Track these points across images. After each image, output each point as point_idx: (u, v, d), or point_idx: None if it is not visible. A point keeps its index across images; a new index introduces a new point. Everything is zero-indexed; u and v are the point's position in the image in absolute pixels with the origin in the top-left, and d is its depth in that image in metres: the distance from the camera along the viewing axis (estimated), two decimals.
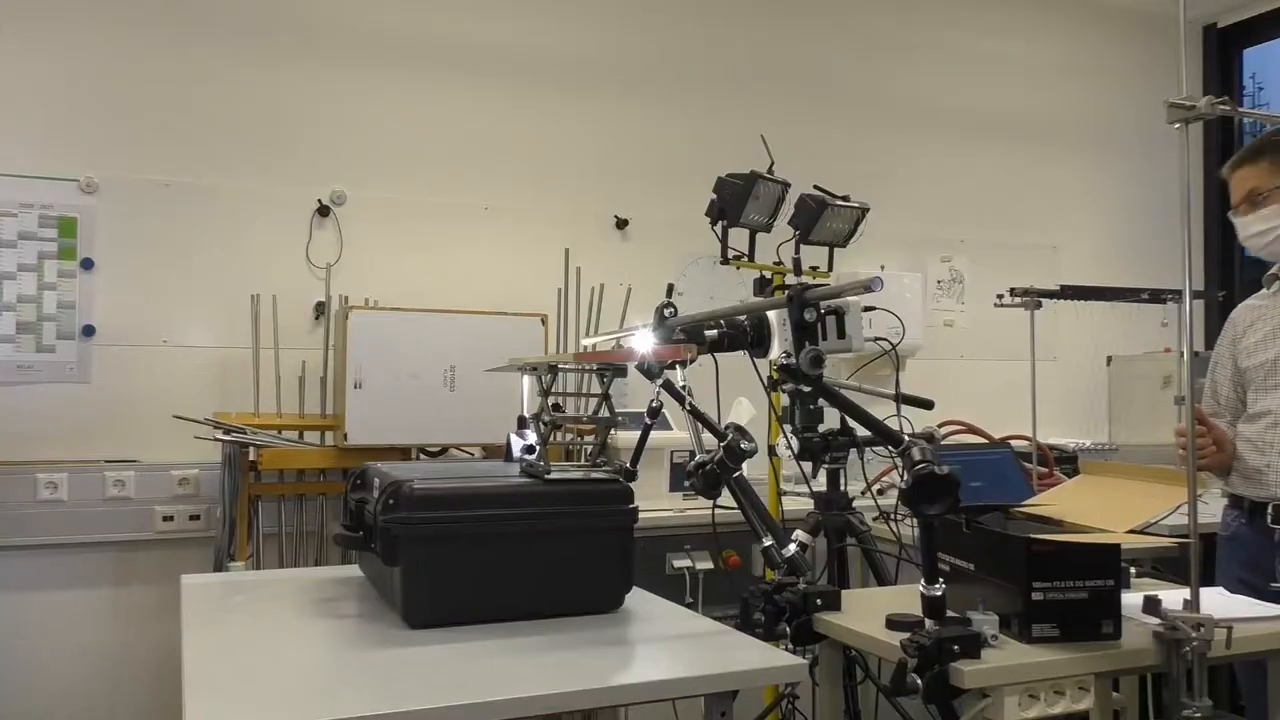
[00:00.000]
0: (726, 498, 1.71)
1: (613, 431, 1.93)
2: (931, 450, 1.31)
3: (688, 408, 1.78)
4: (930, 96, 3.74)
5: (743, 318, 1.70)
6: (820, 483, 2.03)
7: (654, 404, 1.76)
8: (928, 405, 2.02)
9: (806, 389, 1.41)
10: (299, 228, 2.92)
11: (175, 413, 2.67)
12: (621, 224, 3.28)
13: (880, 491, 2.56)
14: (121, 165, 2.75)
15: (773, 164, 2.46)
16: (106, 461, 2.68)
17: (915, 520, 1.35)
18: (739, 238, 2.48)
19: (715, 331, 1.71)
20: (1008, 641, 1.39)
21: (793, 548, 1.74)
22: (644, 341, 1.74)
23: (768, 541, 1.73)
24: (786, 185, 2.46)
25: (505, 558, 1.55)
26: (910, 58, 3.73)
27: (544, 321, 2.79)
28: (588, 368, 2.16)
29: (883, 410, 1.56)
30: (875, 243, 2.94)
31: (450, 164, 3.09)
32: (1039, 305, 2.68)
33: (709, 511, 1.92)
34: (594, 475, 1.66)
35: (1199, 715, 1.31)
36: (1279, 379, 2.08)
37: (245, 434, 2.59)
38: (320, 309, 2.90)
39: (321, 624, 1.55)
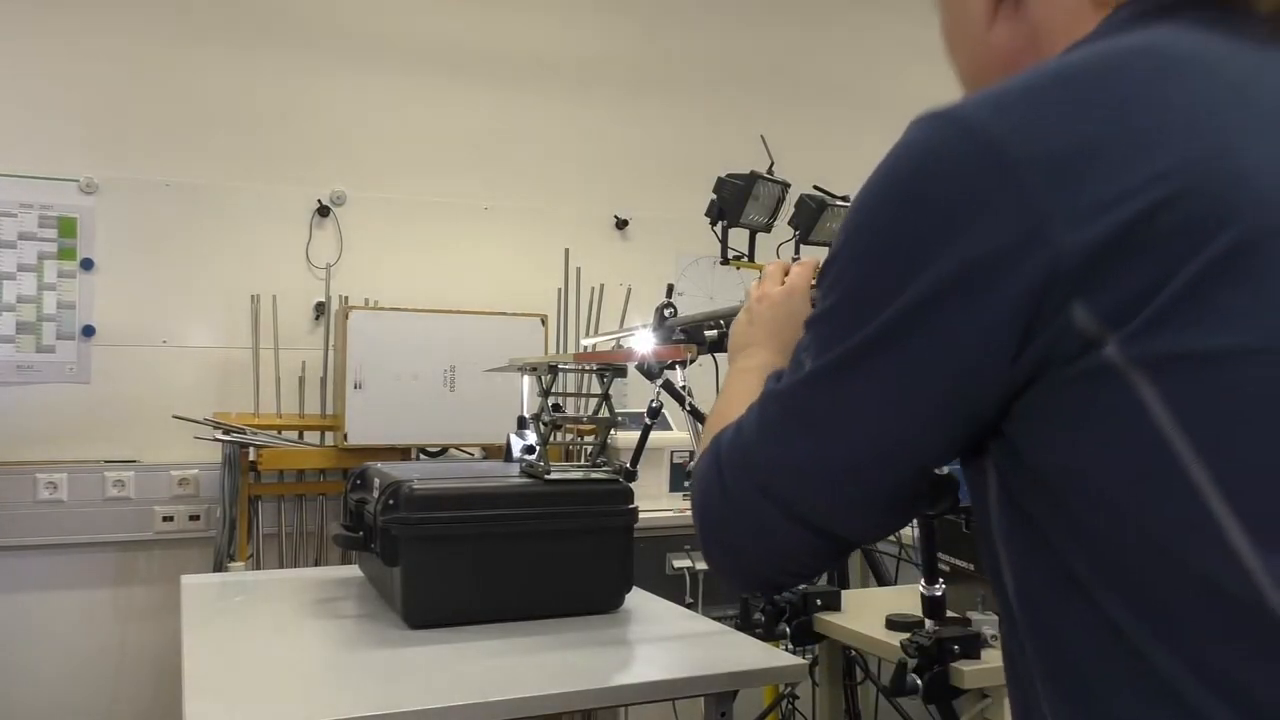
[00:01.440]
0: None
1: (613, 431, 1.93)
2: None
3: (688, 408, 1.78)
4: (930, 97, 3.73)
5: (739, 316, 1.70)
6: None
7: (654, 404, 1.76)
8: None
9: None
10: (299, 228, 2.92)
11: (175, 413, 2.67)
12: (621, 224, 3.28)
13: None
14: (121, 165, 2.75)
15: (772, 164, 2.46)
16: (106, 461, 2.69)
17: (915, 520, 1.35)
18: (739, 238, 2.47)
19: (715, 331, 1.71)
20: None
21: None
22: (644, 342, 1.74)
23: None
24: (786, 185, 2.46)
25: (505, 558, 1.55)
26: (910, 58, 3.73)
27: (544, 321, 2.79)
28: (588, 368, 2.16)
29: None
30: None
31: (450, 164, 3.09)
32: None
33: None
34: (594, 475, 1.66)
35: None
36: None
37: (245, 434, 2.59)
38: (320, 309, 2.90)
39: (321, 624, 1.55)
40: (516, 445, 1.80)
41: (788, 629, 1.58)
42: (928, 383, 0.59)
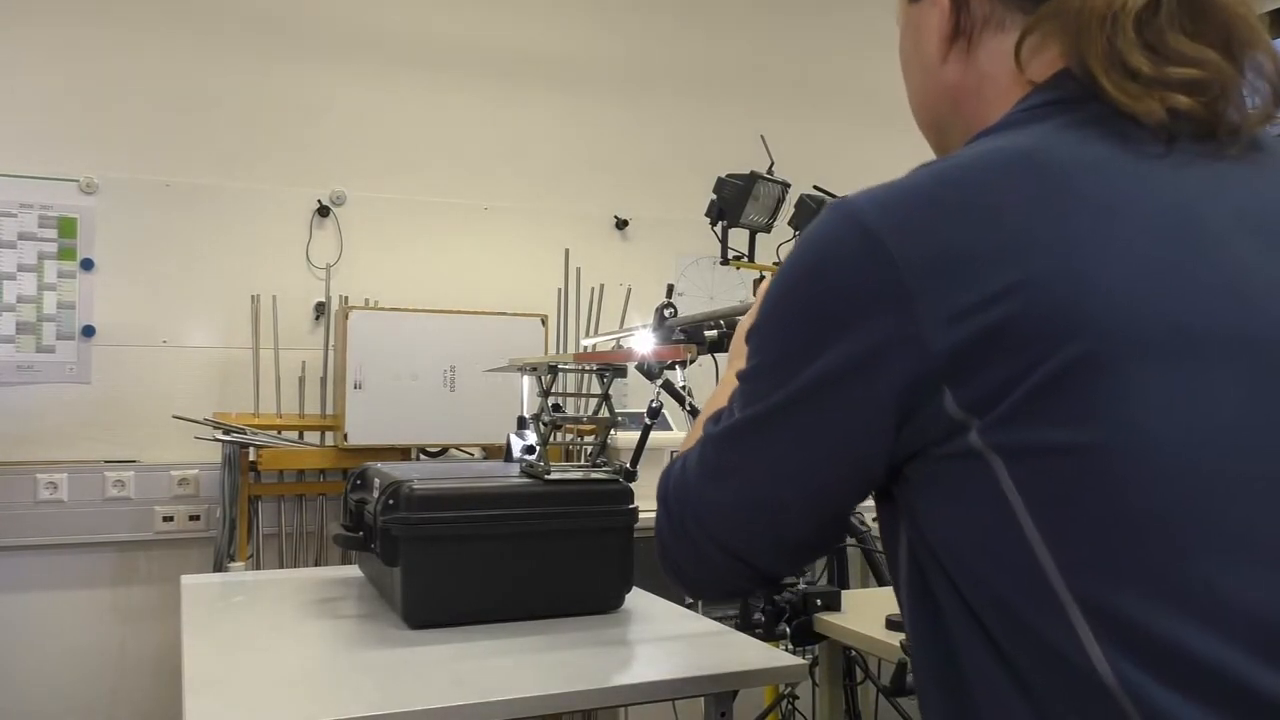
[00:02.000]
0: None
1: (613, 431, 1.93)
2: None
3: (688, 408, 1.78)
4: None
5: (742, 318, 1.70)
6: None
7: (654, 404, 1.76)
8: None
9: None
10: (299, 228, 2.92)
11: (175, 413, 2.67)
12: (621, 224, 3.28)
13: None
14: (121, 165, 2.76)
15: (773, 164, 2.46)
16: (106, 462, 2.69)
17: None
18: (739, 238, 2.47)
19: (715, 331, 1.72)
20: None
21: None
22: (644, 342, 1.74)
23: None
24: (786, 185, 2.46)
25: (505, 558, 1.55)
26: None
27: (544, 321, 2.79)
28: (588, 368, 2.16)
29: None
30: None
31: (450, 164, 3.09)
32: None
33: None
34: (594, 475, 1.66)
35: None
36: None
37: (245, 434, 2.60)
38: (320, 309, 2.90)
39: (321, 624, 1.55)
40: (516, 445, 1.80)
41: (788, 629, 1.58)
42: (826, 444, 0.70)
